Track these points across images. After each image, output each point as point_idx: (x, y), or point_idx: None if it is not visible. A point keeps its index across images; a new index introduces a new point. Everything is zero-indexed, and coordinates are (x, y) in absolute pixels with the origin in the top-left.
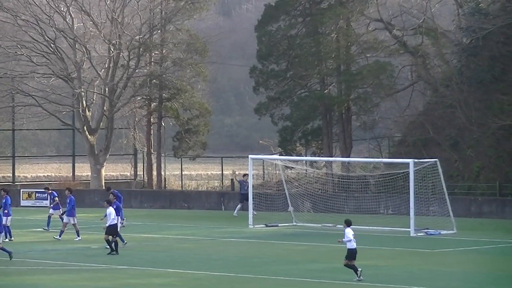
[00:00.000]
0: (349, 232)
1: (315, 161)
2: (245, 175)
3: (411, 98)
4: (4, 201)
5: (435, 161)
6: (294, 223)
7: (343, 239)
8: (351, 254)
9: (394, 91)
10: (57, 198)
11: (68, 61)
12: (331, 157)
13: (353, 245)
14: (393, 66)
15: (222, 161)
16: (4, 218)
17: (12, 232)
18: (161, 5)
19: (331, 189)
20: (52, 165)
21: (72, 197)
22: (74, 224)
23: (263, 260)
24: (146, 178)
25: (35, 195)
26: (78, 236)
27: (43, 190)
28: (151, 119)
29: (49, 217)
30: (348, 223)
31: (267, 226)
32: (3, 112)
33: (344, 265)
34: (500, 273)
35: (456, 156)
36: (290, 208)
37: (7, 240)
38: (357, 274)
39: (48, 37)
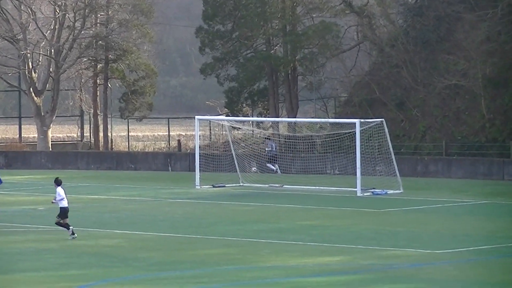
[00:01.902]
0: (60, 191)
1: (262, 122)
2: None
3: (357, 58)
4: None
5: (381, 121)
6: (241, 184)
7: (55, 199)
8: (64, 213)
9: (340, 51)
10: None
11: (13, 22)
12: (278, 117)
13: (65, 204)
14: (338, 26)
15: (168, 122)
16: None
17: None
18: None
19: (278, 149)
20: None
21: None
22: None
23: (210, 220)
24: (92, 139)
25: None
26: None
27: None
28: (97, 81)
29: None
30: (58, 183)
31: (214, 186)
32: None
33: (56, 223)
34: (446, 232)
35: (402, 116)
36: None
37: None
38: (70, 231)
39: None
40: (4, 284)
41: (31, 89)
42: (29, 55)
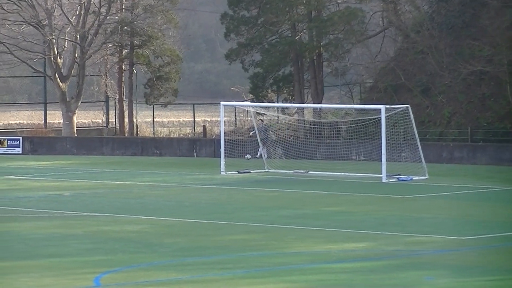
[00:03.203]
0: None
1: (287, 108)
2: (259, 119)
3: (382, 44)
4: None
5: (407, 107)
6: (266, 170)
7: None
8: None
9: (365, 37)
10: None
11: (39, 8)
12: (303, 103)
13: None
14: (364, 12)
15: (194, 108)
16: None
17: None
18: None
19: (303, 135)
20: (24, 112)
21: None
22: None
23: (235, 206)
24: (118, 125)
25: (7, 142)
26: None
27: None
28: (123, 66)
29: None
30: None
31: (239, 172)
32: None
33: None
34: (471, 219)
35: (427, 102)
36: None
37: None
38: None
39: None
40: (30, 269)
41: (56, 74)
42: (54, 40)
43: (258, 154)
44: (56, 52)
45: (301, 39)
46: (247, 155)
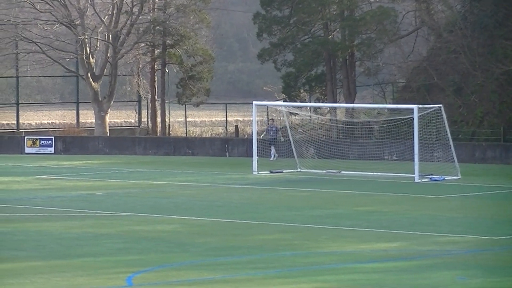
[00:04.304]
0: None
1: (319, 107)
2: (270, 119)
3: (414, 43)
4: None
5: (439, 107)
6: (299, 170)
7: None
8: None
9: (398, 36)
10: None
11: (71, 7)
12: (335, 103)
13: None
14: (396, 11)
15: (226, 108)
16: None
17: (16, 179)
18: None
19: (335, 135)
20: (56, 112)
21: None
22: None
23: (267, 206)
24: (150, 124)
25: (39, 142)
26: None
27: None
28: (155, 66)
29: None
30: None
31: (271, 172)
32: (7, 59)
33: None
34: (503, 218)
35: (460, 101)
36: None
37: None
38: None
39: None
40: (62, 269)
41: (88, 74)
42: (86, 40)
43: (272, 157)
44: (88, 52)
45: (333, 39)
46: (255, 156)
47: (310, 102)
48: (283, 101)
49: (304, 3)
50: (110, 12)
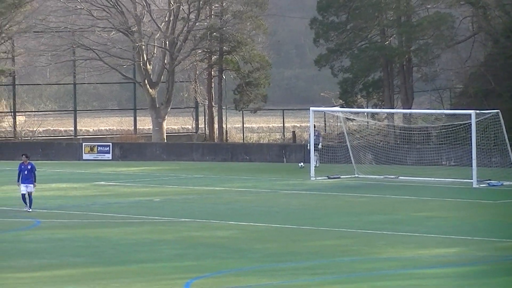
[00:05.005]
0: None
1: (377, 113)
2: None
3: (472, 49)
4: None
5: (497, 112)
6: (356, 175)
7: None
8: None
9: (455, 42)
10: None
11: (128, 14)
12: (393, 108)
13: None
14: (453, 17)
15: (283, 114)
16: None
17: (75, 185)
18: None
19: (393, 140)
20: (113, 118)
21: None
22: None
23: (325, 212)
24: (207, 131)
25: (97, 148)
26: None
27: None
28: (212, 72)
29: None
30: None
31: (329, 178)
32: (64, 66)
33: None
34: None
35: None
36: (300, 164)
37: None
38: None
39: None
40: (120, 275)
41: (145, 81)
42: (143, 47)
43: (315, 163)
44: (145, 59)
45: (390, 44)
46: (301, 163)
47: (367, 108)
48: (340, 107)
49: (361, 9)
50: (166, 19)
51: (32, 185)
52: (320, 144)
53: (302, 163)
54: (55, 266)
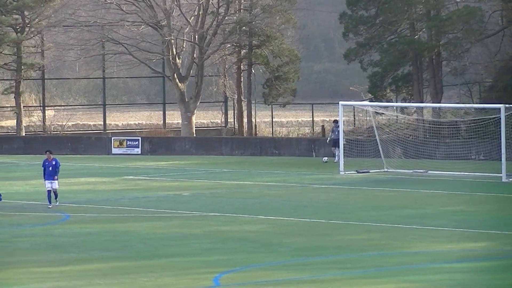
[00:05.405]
0: None
1: (406, 107)
2: (334, 119)
3: (501, 43)
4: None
5: None
6: (385, 169)
7: None
8: None
9: (484, 36)
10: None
11: (157, 8)
12: (422, 103)
13: None
14: (483, 11)
15: (312, 108)
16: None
17: (104, 180)
18: None
19: (422, 135)
20: (142, 113)
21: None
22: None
23: (354, 206)
24: (236, 125)
25: (126, 143)
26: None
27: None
28: (241, 66)
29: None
30: None
31: (358, 172)
32: (93, 61)
33: None
34: None
35: None
36: (324, 159)
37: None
38: None
39: None
40: (149, 269)
41: (175, 75)
42: (173, 41)
43: (336, 158)
44: (174, 53)
45: (419, 38)
46: (325, 157)
47: (396, 102)
48: (370, 101)
49: (390, 3)
50: (196, 13)
51: (56, 181)
52: (345, 140)
53: (326, 158)
54: (83, 260)
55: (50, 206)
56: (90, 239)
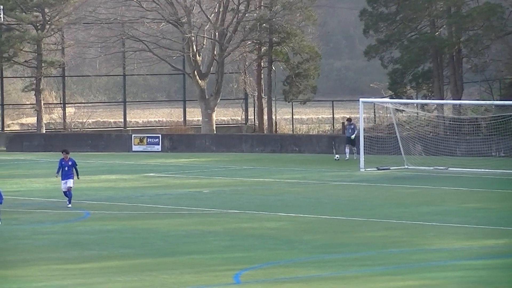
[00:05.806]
0: None
1: (426, 104)
2: (348, 119)
3: None
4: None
5: None
6: (406, 166)
7: None
8: None
9: (505, 33)
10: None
11: (177, 5)
12: (442, 99)
13: None
14: (503, 8)
15: (333, 105)
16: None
17: (124, 177)
18: None
19: (442, 132)
20: (163, 110)
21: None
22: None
23: (374, 203)
24: (257, 122)
25: (147, 140)
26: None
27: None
28: (261, 63)
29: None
30: None
31: (378, 169)
32: (114, 58)
33: None
34: None
35: None
36: (336, 156)
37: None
38: None
39: None
40: (170, 266)
41: (195, 72)
42: (193, 38)
43: (347, 156)
44: (195, 50)
45: (440, 35)
46: (336, 155)
47: (417, 98)
48: (390, 98)
49: (410, 0)
50: (216, 10)
51: (71, 180)
52: (353, 135)
53: (338, 156)
54: (104, 257)
55: (69, 206)
56: (110, 236)
